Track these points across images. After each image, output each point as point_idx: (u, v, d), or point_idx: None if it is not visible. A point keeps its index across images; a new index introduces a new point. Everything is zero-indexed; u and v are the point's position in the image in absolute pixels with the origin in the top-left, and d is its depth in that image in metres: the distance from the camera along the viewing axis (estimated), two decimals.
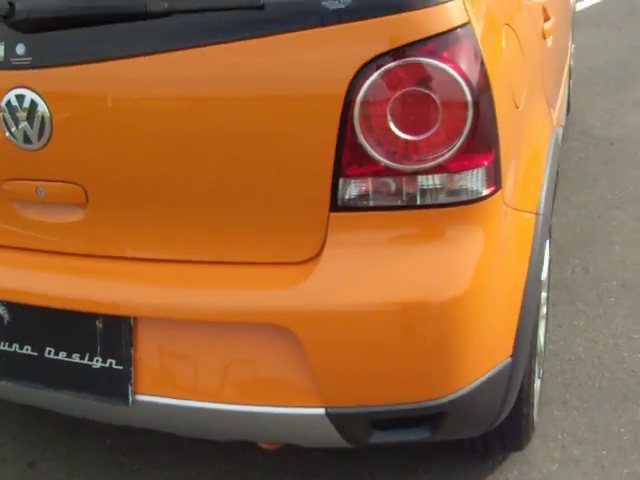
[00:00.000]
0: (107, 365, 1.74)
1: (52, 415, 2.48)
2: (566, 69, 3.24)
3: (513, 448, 2.21)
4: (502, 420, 1.93)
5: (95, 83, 1.61)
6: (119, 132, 1.62)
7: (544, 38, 2.23)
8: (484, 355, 1.68)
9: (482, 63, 1.52)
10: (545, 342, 2.54)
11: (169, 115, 1.58)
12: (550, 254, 2.51)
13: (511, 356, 1.75)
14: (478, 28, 1.54)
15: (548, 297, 2.56)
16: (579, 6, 8.06)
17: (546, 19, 2.31)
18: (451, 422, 1.71)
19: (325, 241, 1.58)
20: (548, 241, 2.33)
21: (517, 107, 1.75)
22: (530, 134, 1.90)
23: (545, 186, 1.89)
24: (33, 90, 1.62)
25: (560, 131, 2.92)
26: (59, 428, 2.52)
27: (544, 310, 2.47)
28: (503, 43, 1.69)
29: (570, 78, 4.99)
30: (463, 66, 1.48)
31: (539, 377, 2.40)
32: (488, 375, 1.70)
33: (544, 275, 2.30)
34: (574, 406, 2.44)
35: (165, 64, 1.56)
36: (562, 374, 2.59)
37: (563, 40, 3.05)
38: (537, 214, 1.81)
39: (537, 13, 2.20)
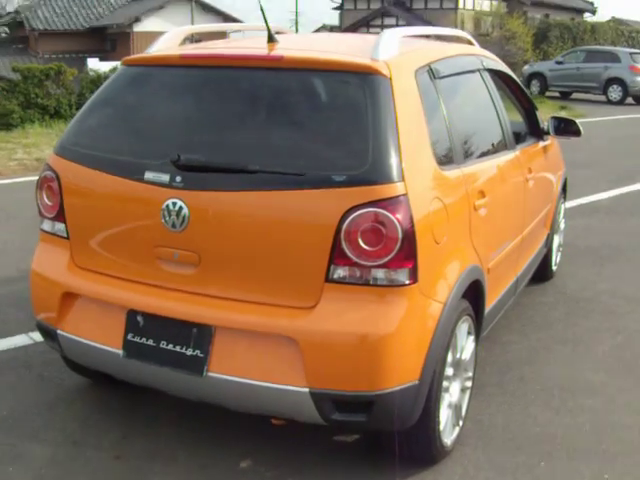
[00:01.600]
0: (194, 354, 3.29)
1: (132, 411, 4.01)
2: (519, 239, 4.70)
3: (426, 458, 3.62)
4: (416, 429, 3.40)
5: (214, 201, 3.25)
6: (219, 230, 3.24)
7: (475, 210, 3.79)
8: (399, 373, 3.17)
9: (411, 216, 3.10)
10: (469, 402, 3.97)
11: (248, 223, 3.20)
12: (476, 349, 3.98)
13: (418, 380, 3.25)
14: (412, 196, 3.13)
15: (474, 375, 4.00)
16: (603, 195, 9.76)
17: (481, 197, 3.89)
18: (377, 411, 3.19)
19: (320, 297, 3.15)
20: (470, 336, 3.82)
21: (437, 243, 3.31)
22: (448, 260, 3.45)
23: (454, 291, 3.41)
24: (182, 200, 3.26)
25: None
26: (139, 421, 4.05)
27: (469, 383, 3.93)
28: (430, 208, 3.28)
29: (559, 251, 6.54)
30: (399, 216, 3.07)
31: (461, 421, 3.82)
32: (402, 386, 3.19)
33: (466, 355, 3.78)
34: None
35: (250, 197, 3.19)
36: (480, 424, 4.02)
37: (512, 215, 4.60)
38: (444, 304, 3.34)
39: (471, 192, 3.75)
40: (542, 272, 6.14)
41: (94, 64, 25.49)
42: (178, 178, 3.28)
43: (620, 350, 5.09)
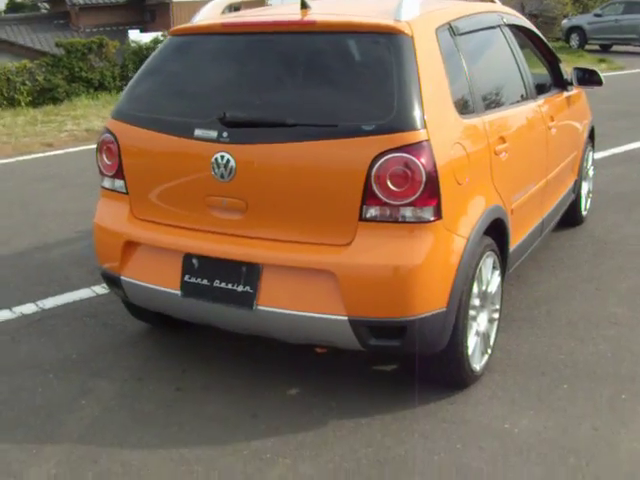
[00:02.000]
0: (245, 289, 3.69)
1: (189, 350, 4.45)
2: (543, 183, 5.02)
3: (457, 381, 4.00)
4: (446, 353, 3.77)
5: (257, 153, 3.63)
6: (263, 179, 3.62)
7: (496, 154, 4.12)
8: (428, 300, 3.55)
9: (434, 159, 3.46)
10: (497, 333, 4.33)
11: (288, 171, 3.58)
12: (502, 284, 4.33)
13: (446, 307, 3.62)
14: (434, 142, 3.49)
15: (502, 307, 4.37)
16: (633, 145, 9.99)
17: (501, 143, 4.22)
18: (409, 336, 3.57)
19: (355, 234, 3.52)
20: (496, 270, 4.17)
21: (459, 184, 3.67)
22: (470, 199, 3.79)
23: (477, 227, 3.77)
24: (229, 153, 3.65)
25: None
26: (196, 358, 4.49)
27: (496, 315, 4.29)
28: (452, 152, 3.63)
29: (589, 197, 6.85)
30: (423, 160, 3.43)
31: (489, 349, 4.19)
32: (431, 313, 3.56)
33: (492, 288, 4.14)
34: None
35: (289, 148, 3.57)
36: (508, 353, 4.38)
37: (534, 160, 4.92)
38: (468, 239, 3.70)
39: (491, 138, 4.08)
40: (572, 217, 6.46)
41: (135, 36, 25.95)
42: (225, 134, 3.67)
43: None
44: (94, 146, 4.31)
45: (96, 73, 21.58)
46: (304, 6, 4.07)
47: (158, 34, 22.94)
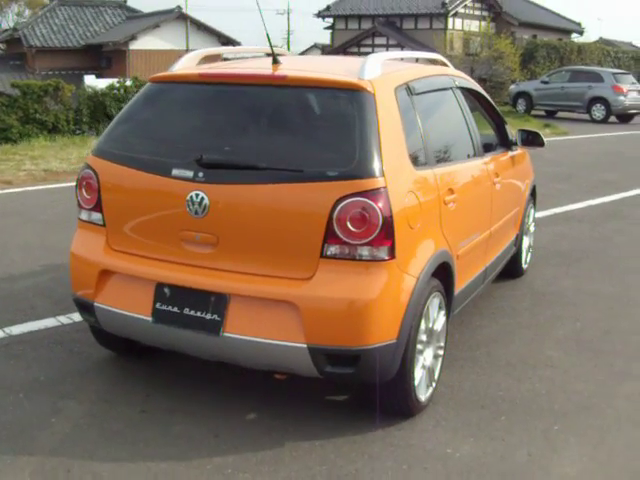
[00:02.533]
0: (213, 317, 4.03)
1: (153, 376, 4.75)
2: (487, 234, 5.46)
3: (404, 410, 4.37)
4: (394, 383, 4.14)
5: (230, 193, 4.00)
6: (234, 216, 3.99)
7: (445, 204, 4.55)
8: (380, 332, 3.92)
9: (390, 204, 3.86)
10: (441, 368, 4.73)
11: (257, 210, 3.95)
12: (447, 324, 4.73)
13: (396, 339, 4.00)
14: (391, 189, 3.89)
15: (446, 345, 4.76)
16: (577, 205, 10.59)
17: (450, 194, 4.66)
18: (363, 364, 3.93)
19: (316, 270, 3.90)
20: (442, 310, 4.57)
21: (411, 228, 4.07)
22: (421, 243, 4.20)
23: (426, 268, 4.17)
24: (203, 192, 4.01)
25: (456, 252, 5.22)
26: (160, 383, 4.80)
27: (441, 352, 4.68)
28: (406, 199, 4.05)
29: (529, 252, 7.33)
30: (380, 205, 3.83)
31: (434, 383, 4.57)
32: (383, 343, 3.94)
33: (438, 326, 4.54)
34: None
35: (259, 189, 3.95)
36: (451, 388, 4.77)
37: (479, 212, 5.37)
38: (417, 279, 4.09)
39: (441, 189, 4.51)
40: (513, 269, 6.92)
41: (91, 81, 26.28)
42: (200, 174, 4.04)
43: (577, 334, 5.85)
44: (52, 186, 4.63)
45: (50, 116, 21.75)
46: (275, 61, 4.49)
47: (114, 80, 23.22)
